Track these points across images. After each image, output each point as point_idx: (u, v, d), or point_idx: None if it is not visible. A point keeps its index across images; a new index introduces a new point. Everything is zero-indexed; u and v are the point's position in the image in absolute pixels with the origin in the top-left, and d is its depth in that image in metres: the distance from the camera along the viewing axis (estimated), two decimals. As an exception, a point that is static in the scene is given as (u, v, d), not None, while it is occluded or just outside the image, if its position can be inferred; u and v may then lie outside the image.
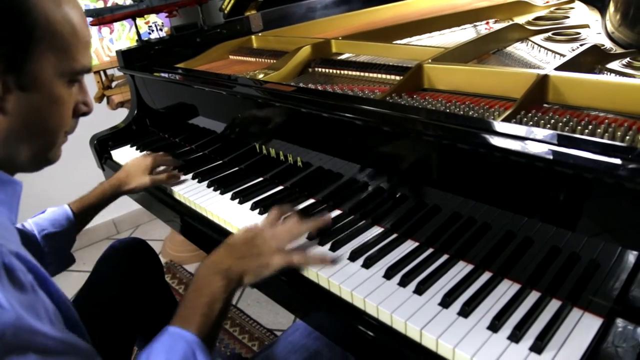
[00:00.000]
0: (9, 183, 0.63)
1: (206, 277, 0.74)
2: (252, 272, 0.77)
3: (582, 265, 0.67)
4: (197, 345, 0.66)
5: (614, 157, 0.58)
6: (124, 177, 1.17)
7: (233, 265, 0.76)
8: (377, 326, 0.70)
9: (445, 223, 0.80)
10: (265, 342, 1.66)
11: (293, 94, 0.97)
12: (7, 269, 0.49)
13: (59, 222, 1.03)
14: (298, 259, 0.78)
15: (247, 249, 0.79)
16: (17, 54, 0.57)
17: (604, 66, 1.01)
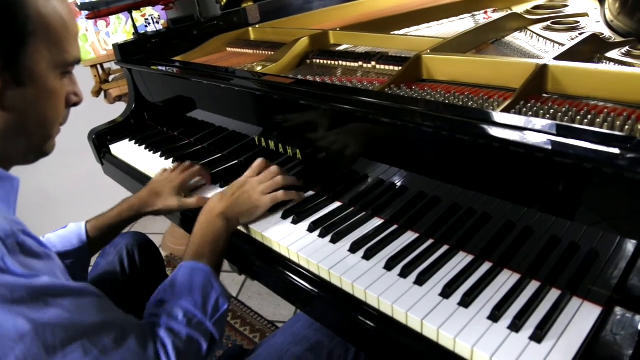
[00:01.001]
0: (6, 179, 0.63)
1: (208, 220, 0.87)
2: (245, 212, 0.91)
3: (582, 255, 0.67)
4: (211, 273, 0.78)
5: (612, 146, 0.58)
6: (148, 198, 1.05)
7: (228, 208, 0.89)
8: (378, 317, 0.71)
9: (445, 214, 0.80)
10: (267, 334, 1.67)
11: (292, 86, 0.97)
12: (21, 246, 0.54)
13: (69, 240, 0.99)
14: (282, 195, 0.93)
15: (238, 194, 0.92)
16: (13, 50, 0.58)
17: (603, 55, 1.00)
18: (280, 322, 1.74)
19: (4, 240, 0.51)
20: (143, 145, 1.39)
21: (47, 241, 0.99)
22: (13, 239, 0.53)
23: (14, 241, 0.53)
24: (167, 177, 1.07)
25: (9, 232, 0.52)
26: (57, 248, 0.98)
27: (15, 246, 0.52)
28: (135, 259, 1.13)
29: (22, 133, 0.63)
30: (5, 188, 0.63)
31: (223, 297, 0.77)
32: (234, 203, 0.90)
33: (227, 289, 0.96)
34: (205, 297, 0.75)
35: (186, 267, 0.78)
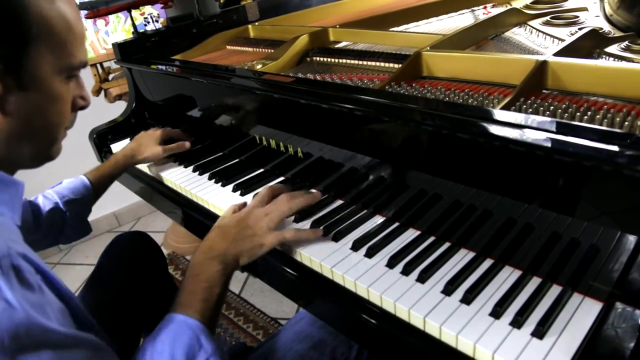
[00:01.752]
0: (11, 184, 0.63)
1: (202, 263, 0.76)
2: (246, 253, 0.79)
3: (582, 251, 0.67)
4: (200, 330, 0.68)
5: (612, 144, 0.58)
6: (137, 147, 1.22)
7: (228, 248, 0.78)
8: (381, 315, 0.71)
9: (446, 211, 0.81)
10: (270, 331, 1.68)
11: (292, 85, 0.97)
12: (16, 270, 0.50)
13: (78, 190, 1.09)
14: (290, 235, 0.81)
15: (239, 231, 0.81)
16: (15, 54, 0.57)
17: (603, 50, 1.01)
18: (283, 319, 1.75)
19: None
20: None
21: (56, 193, 1.07)
22: (8, 260, 0.49)
23: (9, 263, 0.49)
24: (150, 132, 1.26)
25: (4, 253, 0.49)
26: (70, 196, 1.07)
27: (9, 268, 0.49)
28: (137, 258, 1.14)
29: (27, 138, 0.62)
30: (10, 192, 0.62)
31: (215, 358, 0.66)
32: (233, 242, 0.79)
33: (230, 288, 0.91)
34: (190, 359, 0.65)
35: (170, 321, 0.69)
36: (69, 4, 0.63)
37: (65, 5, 0.62)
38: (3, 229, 0.56)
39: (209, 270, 0.75)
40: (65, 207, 1.06)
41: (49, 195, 1.07)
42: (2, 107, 0.58)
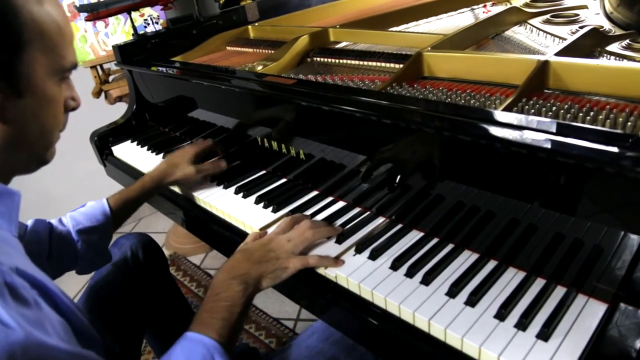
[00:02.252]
0: (6, 194, 0.62)
1: (224, 282, 0.75)
2: (269, 276, 0.78)
3: (586, 251, 0.67)
4: (215, 349, 0.66)
5: (615, 146, 0.58)
6: (167, 168, 1.12)
7: (251, 270, 0.77)
8: (386, 317, 0.71)
9: (449, 212, 0.81)
10: (272, 331, 1.68)
11: (294, 87, 0.97)
12: (10, 287, 0.49)
13: (94, 216, 1.01)
14: (314, 262, 0.80)
15: (263, 254, 0.80)
16: (10, 61, 0.57)
17: (604, 49, 1.01)
18: (285, 319, 1.75)
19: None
20: (145, 147, 1.39)
21: (72, 218, 0.99)
22: (1, 278, 0.48)
23: (2, 280, 0.48)
24: (181, 150, 1.16)
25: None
26: (84, 224, 0.98)
27: (2, 286, 0.48)
28: (139, 259, 1.13)
29: (23, 144, 0.62)
30: (5, 203, 0.61)
31: None
32: (257, 264, 0.78)
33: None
34: None
35: (186, 339, 0.68)
36: (56, 6, 0.63)
37: (53, 8, 0.62)
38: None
39: (229, 290, 0.74)
40: (77, 236, 0.98)
41: (65, 220, 1.00)
42: (1, 115, 0.58)
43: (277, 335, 1.67)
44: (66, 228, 0.98)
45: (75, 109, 0.70)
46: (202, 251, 2.19)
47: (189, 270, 2.08)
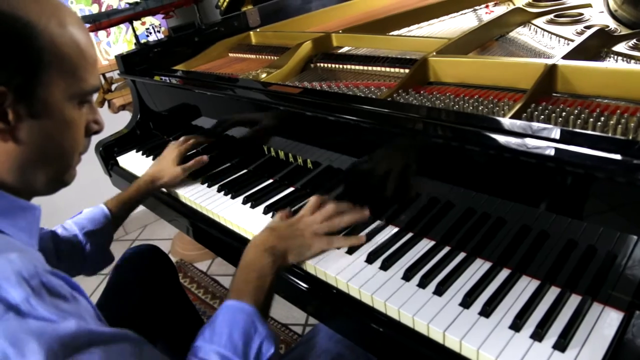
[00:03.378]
0: (28, 209, 0.63)
1: (254, 254, 0.81)
2: (295, 251, 0.84)
3: (600, 258, 0.67)
4: (254, 314, 0.72)
5: (630, 155, 0.57)
6: (156, 171, 1.18)
7: (278, 243, 0.83)
8: (399, 329, 0.71)
9: (460, 219, 0.80)
10: (281, 337, 1.68)
11: (299, 97, 0.96)
12: (47, 287, 0.51)
13: (97, 219, 1.06)
14: (339, 242, 0.85)
15: (290, 231, 0.86)
16: (27, 82, 0.57)
17: (610, 49, 1.00)
18: (293, 325, 1.75)
19: (28, 280, 0.50)
20: (151, 157, 1.39)
21: (75, 224, 1.03)
22: (37, 279, 0.51)
23: (39, 281, 0.51)
24: (167, 152, 1.22)
25: (32, 272, 0.51)
26: (89, 227, 1.03)
27: (40, 286, 0.50)
28: (148, 270, 1.13)
29: (41, 165, 0.62)
30: (27, 218, 0.62)
31: (268, 341, 0.71)
32: (283, 239, 0.83)
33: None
34: (247, 342, 0.68)
35: (227, 307, 0.72)
36: (80, 29, 0.63)
37: (76, 30, 0.61)
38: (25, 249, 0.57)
39: (260, 262, 0.79)
40: (85, 238, 1.02)
41: (68, 226, 1.03)
42: (14, 135, 0.58)
43: (286, 340, 1.66)
44: (72, 232, 1.02)
45: (98, 132, 0.70)
46: (209, 257, 2.19)
47: (195, 277, 2.08)
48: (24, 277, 0.50)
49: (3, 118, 0.56)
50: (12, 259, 0.51)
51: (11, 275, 0.50)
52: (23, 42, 0.56)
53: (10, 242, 0.57)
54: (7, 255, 0.52)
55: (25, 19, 0.55)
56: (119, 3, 1.94)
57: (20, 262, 0.51)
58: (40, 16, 0.57)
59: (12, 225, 0.60)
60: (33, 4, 0.57)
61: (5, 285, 0.49)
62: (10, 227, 0.59)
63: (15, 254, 0.52)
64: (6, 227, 0.59)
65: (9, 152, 0.59)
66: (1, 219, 0.59)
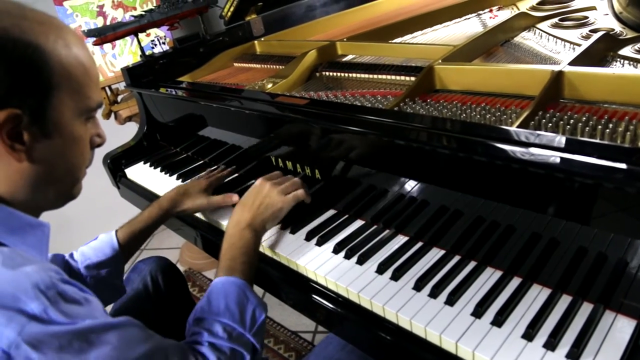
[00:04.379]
0: (37, 226, 0.65)
1: (235, 234, 0.88)
2: (270, 217, 0.92)
3: (611, 265, 0.67)
4: (245, 286, 0.79)
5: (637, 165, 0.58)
6: (177, 196, 1.09)
7: (253, 217, 0.90)
8: (412, 339, 0.71)
9: (469, 228, 0.80)
10: (291, 345, 1.68)
11: (306, 108, 0.97)
12: (62, 295, 0.55)
13: (102, 250, 1.00)
14: (302, 194, 0.95)
15: (259, 201, 0.93)
16: (40, 104, 0.59)
17: (617, 53, 1.00)
18: (303, 332, 1.75)
19: (45, 292, 0.53)
20: (158, 168, 1.39)
21: (82, 254, 1.00)
22: (54, 290, 0.54)
23: (55, 292, 0.54)
24: (195, 180, 1.17)
25: (48, 284, 0.53)
26: (92, 260, 0.99)
27: (56, 296, 0.53)
28: (159, 283, 1.14)
29: (51, 182, 0.64)
30: (37, 235, 0.64)
31: (259, 308, 0.78)
32: (257, 211, 0.91)
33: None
34: (242, 310, 0.76)
35: (220, 282, 0.79)
36: (82, 48, 0.65)
37: (80, 50, 0.64)
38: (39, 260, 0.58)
39: (243, 238, 0.87)
40: (85, 271, 0.98)
41: (75, 256, 1.00)
42: (29, 155, 0.60)
43: (296, 348, 1.67)
44: (76, 264, 1.00)
45: (100, 145, 0.73)
46: (217, 266, 2.20)
47: (204, 285, 2.09)
48: (41, 289, 0.53)
49: (19, 139, 0.58)
50: (29, 271, 0.54)
51: (29, 288, 0.52)
52: (35, 66, 0.58)
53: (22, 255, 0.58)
54: (23, 269, 0.54)
55: (35, 43, 0.57)
56: (124, 15, 1.96)
57: (37, 275, 0.54)
58: (48, 39, 0.59)
59: (23, 242, 0.62)
60: (39, 26, 0.59)
61: (24, 298, 0.52)
62: (22, 244, 0.61)
63: (30, 266, 0.55)
64: (18, 245, 0.61)
65: (23, 171, 0.60)
66: (13, 237, 0.61)
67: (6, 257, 0.55)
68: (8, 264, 0.54)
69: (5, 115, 0.55)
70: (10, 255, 0.56)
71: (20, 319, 0.50)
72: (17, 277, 0.53)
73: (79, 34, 1.85)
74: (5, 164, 0.59)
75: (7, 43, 0.55)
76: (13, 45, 0.55)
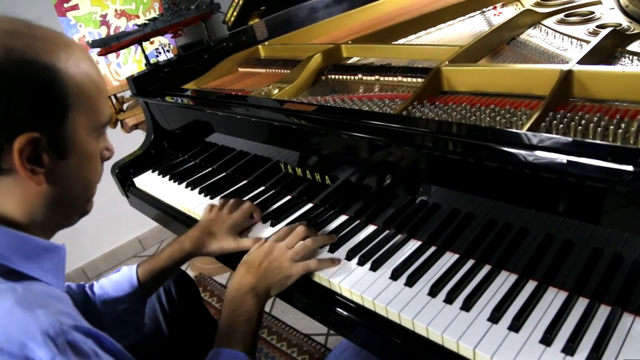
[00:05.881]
0: (53, 250, 0.64)
1: (237, 298, 0.82)
2: (275, 285, 0.85)
3: (627, 266, 0.66)
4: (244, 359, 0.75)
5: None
6: (202, 237, 0.99)
7: (258, 282, 0.84)
8: (428, 346, 0.71)
9: (482, 231, 0.80)
10: (304, 348, 1.68)
11: (315, 115, 0.97)
12: (71, 345, 0.52)
13: (120, 286, 0.95)
14: (315, 265, 0.85)
15: (266, 265, 0.86)
16: (57, 125, 0.59)
17: (625, 49, 0.99)
18: (315, 335, 1.75)
19: (54, 339, 0.51)
20: (167, 177, 1.40)
21: (101, 287, 0.95)
22: (63, 337, 0.52)
23: (64, 340, 0.52)
24: (218, 216, 1.02)
25: (58, 331, 0.52)
26: (110, 294, 0.94)
27: (65, 346, 0.51)
28: (172, 295, 1.14)
29: (68, 201, 0.65)
30: (52, 259, 0.64)
31: None
32: (263, 276, 0.84)
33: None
34: None
35: (218, 355, 0.75)
36: (91, 63, 0.65)
37: (89, 65, 0.64)
38: (51, 301, 0.57)
39: (244, 305, 0.81)
40: (102, 307, 0.93)
41: (95, 288, 0.96)
42: (48, 177, 0.60)
43: (310, 351, 1.67)
44: (94, 297, 0.95)
45: (109, 158, 0.73)
46: (227, 270, 2.20)
47: (215, 290, 2.09)
48: (50, 336, 0.51)
49: (39, 162, 0.58)
50: (39, 316, 0.52)
51: (38, 334, 0.51)
52: (51, 88, 0.57)
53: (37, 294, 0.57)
54: (34, 312, 0.53)
55: (50, 65, 0.57)
56: (127, 24, 1.96)
57: (47, 320, 0.52)
58: (60, 58, 0.59)
59: (39, 268, 0.61)
60: (51, 46, 0.59)
61: (32, 345, 0.50)
62: (39, 270, 0.61)
63: (42, 310, 0.53)
64: (34, 271, 0.60)
65: (41, 193, 0.60)
66: (30, 263, 0.60)
67: (19, 297, 0.54)
68: (20, 304, 0.53)
69: (25, 139, 0.55)
70: (24, 295, 0.55)
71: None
72: (26, 322, 0.52)
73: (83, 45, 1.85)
74: (24, 188, 0.59)
75: (23, 67, 0.55)
76: (29, 68, 0.55)
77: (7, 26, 0.58)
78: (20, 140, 0.55)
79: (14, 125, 0.55)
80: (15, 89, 0.55)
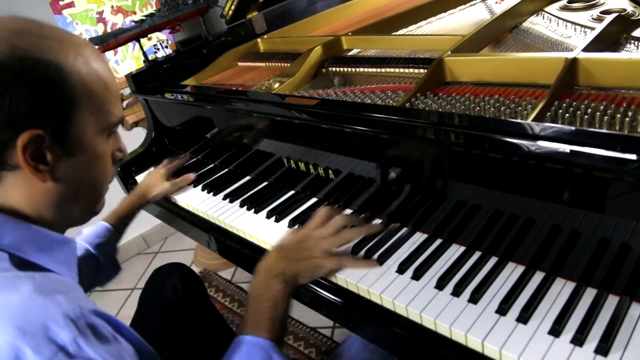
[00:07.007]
0: (64, 243, 0.65)
1: (264, 282, 0.79)
2: (305, 273, 0.82)
3: (635, 255, 0.66)
4: (270, 347, 0.72)
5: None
6: (146, 187, 1.26)
7: (287, 268, 0.80)
8: (437, 339, 0.71)
9: (488, 222, 0.79)
10: (311, 341, 1.69)
11: (317, 109, 0.96)
12: (92, 327, 0.53)
13: (102, 233, 1.11)
14: (350, 264, 0.82)
15: (298, 252, 0.83)
16: (62, 123, 0.58)
17: (630, 35, 0.98)
18: (321, 328, 1.75)
19: (75, 321, 0.52)
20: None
21: (84, 240, 1.07)
22: (83, 320, 0.53)
23: (85, 322, 0.53)
24: (154, 171, 1.31)
25: (78, 314, 0.53)
26: (97, 241, 1.08)
27: (86, 328, 0.53)
28: (178, 291, 1.14)
29: (76, 199, 0.64)
30: (64, 251, 0.64)
31: None
32: (293, 263, 0.81)
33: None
34: None
35: (243, 343, 0.72)
36: (102, 63, 0.64)
37: (99, 65, 0.63)
38: (69, 289, 0.58)
39: (271, 290, 0.78)
40: (96, 251, 1.07)
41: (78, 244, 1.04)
42: (53, 174, 0.60)
43: (316, 344, 1.67)
44: (84, 247, 1.06)
45: (122, 159, 0.72)
46: (232, 265, 2.21)
47: (220, 285, 2.09)
48: (71, 318, 0.52)
49: (42, 160, 0.58)
50: (60, 300, 0.53)
51: (59, 317, 0.52)
52: (56, 86, 0.57)
53: (54, 282, 0.58)
54: (54, 297, 0.54)
55: (55, 62, 0.56)
56: (124, 20, 1.95)
57: (67, 304, 0.53)
58: (67, 56, 0.58)
59: (53, 260, 0.62)
60: (58, 44, 0.58)
61: (54, 327, 0.51)
62: (51, 262, 0.62)
63: (61, 295, 0.54)
64: (48, 263, 0.61)
65: (47, 190, 0.60)
66: (42, 255, 0.61)
67: (38, 284, 0.55)
68: (40, 290, 0.54)
69: (27, 136, 0.55)
70: (42, 281, 0.56)
71: (50, 348, 0.49)
72: (47, 305, 0.52)
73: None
74: (30, 184, 0.59)
75: (27, 64, 0.54)
76: (33, 65, 0.55)
77: (16, 26, 0.57)
78: (23, 137, 0.55)
79: (17, 122, 0.55)
80: (18, 86, 0.54)
